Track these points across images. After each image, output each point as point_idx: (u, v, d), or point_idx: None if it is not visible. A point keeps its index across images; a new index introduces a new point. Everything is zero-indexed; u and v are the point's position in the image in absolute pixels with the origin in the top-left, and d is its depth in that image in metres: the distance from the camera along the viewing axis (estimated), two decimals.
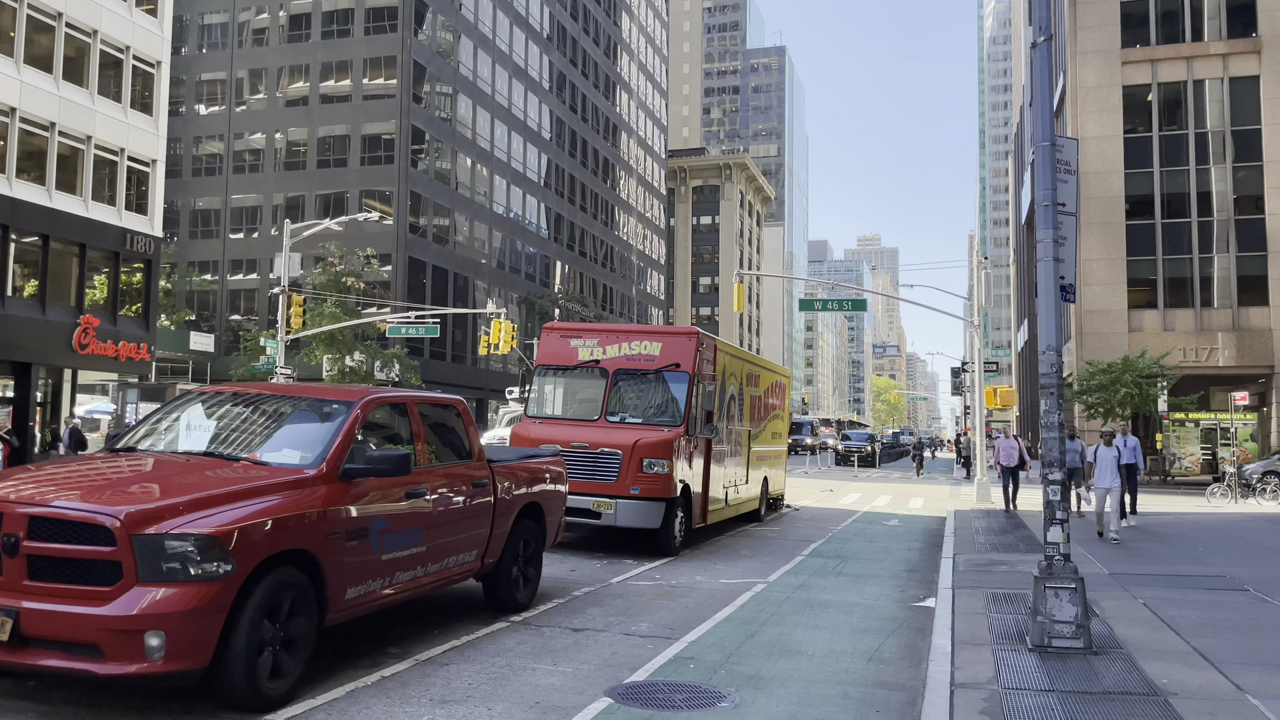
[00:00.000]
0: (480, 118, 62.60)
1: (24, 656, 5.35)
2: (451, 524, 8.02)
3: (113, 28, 32.30)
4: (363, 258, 47.86)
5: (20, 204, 28.78)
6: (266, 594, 5.83)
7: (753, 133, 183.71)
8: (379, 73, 55.36)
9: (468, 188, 61.08)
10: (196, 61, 59.08)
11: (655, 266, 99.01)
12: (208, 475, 6.32)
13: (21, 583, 5.46)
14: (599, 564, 12.66)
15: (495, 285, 64.08)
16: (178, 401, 8.05)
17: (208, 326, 56.38)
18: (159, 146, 34.58)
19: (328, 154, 56.15)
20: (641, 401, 14.32)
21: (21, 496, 5.72)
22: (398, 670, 6.92)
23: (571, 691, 6.54)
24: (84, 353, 30.88)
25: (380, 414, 7.71)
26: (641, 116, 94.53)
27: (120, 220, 32.61)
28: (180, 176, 57.36)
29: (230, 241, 57.81)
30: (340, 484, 6.72)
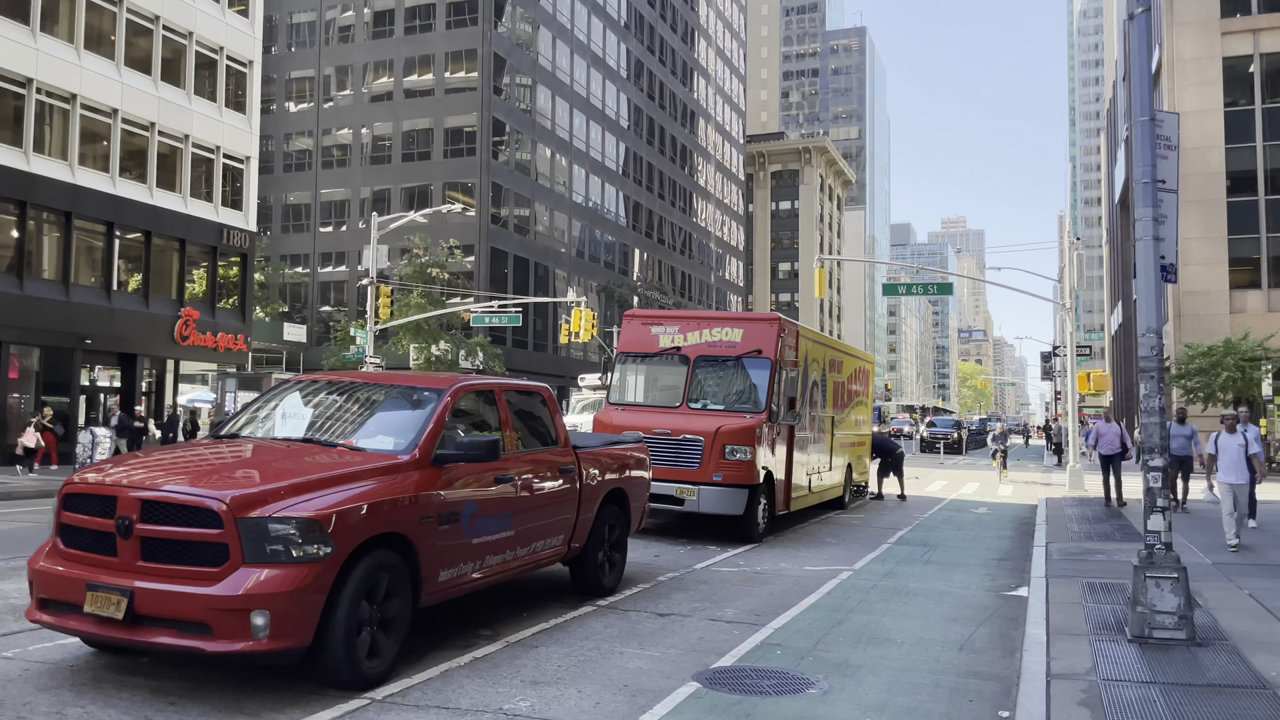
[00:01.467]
0: (559, 108, 62.99)
1: (138, 634, 5.62)
2: (539, 509, 8.14)
3: (207, 29, 33.40)
4: (446, 249, 48.68)
5: (124, 202, 30.04)
6: (364, 576, 6.01)
7: (833, 115, 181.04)
8: (460, 66, 56.12)
9: (547, 178, 61.58)
10: (286, 60, 60.73)
11: (734, 253, 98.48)
12: (307, 461, 6.52)
13: (135, 564, 5.72)
14: (682, 550, 12.71)
15: (575, 274, 64.55)
16: (276, 390, 8.32)
17: (300, 317, 58.08)
18: (252, 144, 35.68)
19: (412, 147, 57.21)
20: (723, 388, 14.29)
21: (134, 481, 5.99)
22: (489, 651, 7.07)
23: (659, 675, 6.59)
24: (185, 344, 32.14)
25: (469, 401, 7.85)
26: (719, 102, 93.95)
27: (217, 216, 33.79)
28: (272, 172, 59.11)
29: (320, 235, 59.41)
30: (432, 469, 6.87)
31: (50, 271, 28.16)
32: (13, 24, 26.78)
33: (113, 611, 5.59)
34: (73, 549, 6.01)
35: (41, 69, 27.44)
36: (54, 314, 27.68)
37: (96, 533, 5.88)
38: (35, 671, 6.20)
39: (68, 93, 28.34)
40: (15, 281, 26.83)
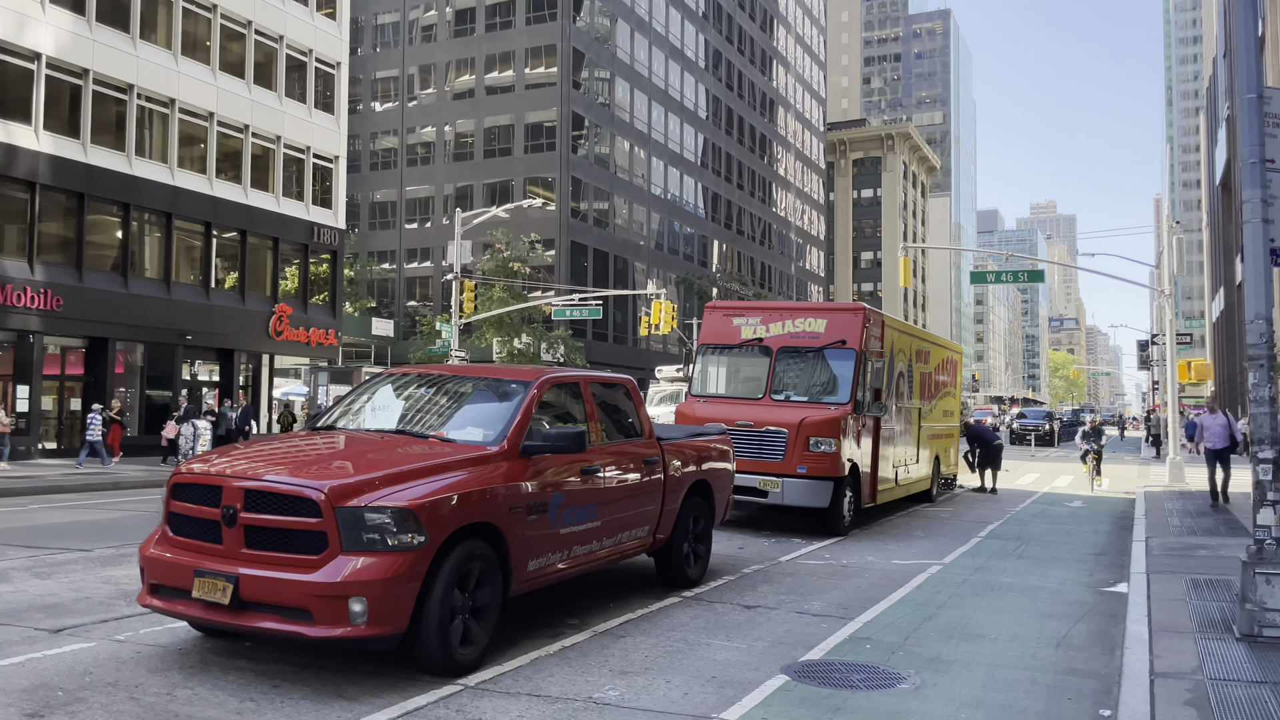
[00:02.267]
0: (638, 100, 63.07)
1: (243, 619, 5.83)
2: (624, 500, 8.19)
3: (297, 32, 34.34)
4: (527, 243, 49.24)
5: (220, 202, 31.12)
6: (456, 564, 6.12)
7: (916, 101, 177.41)
8: (540, 61, 56.61)
9: (626, 171, 61.74)
10: (371, 60, 62.08)
11: (814, 242, 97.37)
12: (400, 452, 6.67)
13: (240, 551, 5.94)
14: (767, 542, 12.64)
15: (654, 266, 64.63)
16: (368, 383, 8.53)
17: (387, 313, 59.42)
18: (341, 143, 36.60)
19: (493, 144, 57.96)
20: (806, 379, 14.15)
21: (236, 471, 6.21)
22: (577, 640, 7.14)
23: (747, 667, 6.57)
24: (279, 339, 33.19)
25: (555, 393, 7.93)
26: (799, 90, 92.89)
27: (308, 214, 34.77)
28: (360, 171, 60.55)
29: (406, 231, 60.65)
30: (520, 460, 6.96)
31: (152, 270, 29.34)
32: (115, 32, 27.94)
33: (219, 597, 5.81)
34: (181, 536, 6.25)
35: (142, 75, 28.57)
36: (156, 311, 28.84)
37: (203, 521, 6.12)
38: (146, 654, 6.48)
39: (167, 97, 29.46)
40: (120, 280, 28.03)
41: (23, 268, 25.38)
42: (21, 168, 25.25)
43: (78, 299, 26.45)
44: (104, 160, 27.41)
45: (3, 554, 10.57)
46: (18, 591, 8.48)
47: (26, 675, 5.92)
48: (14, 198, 25.41)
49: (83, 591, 8.54)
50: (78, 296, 26.46)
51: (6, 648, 6.55)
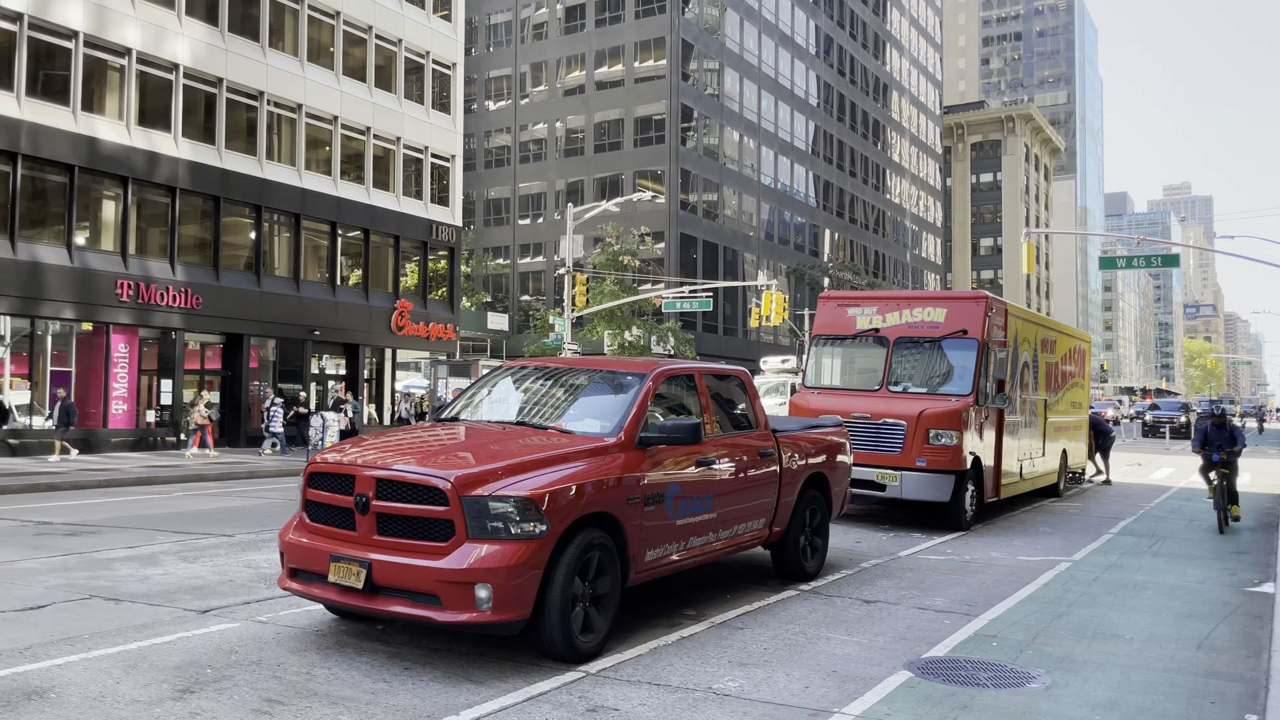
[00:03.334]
0: (747, 90, 62.61)
1: (375, 603, 6.06)
2: (740, 492, 8.17)
3: (414, 35, 35.34)
4: (637, 236, 49.53)
5: (345, 202, 32.33)
6: (577, 553, 6.23)
7: (1038, 80, 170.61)
8: (649, 55, 56.78)
9: (735, 161, 61.40)
10: (485, 60, 63.41)
11: (931, 229, 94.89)
12: (521, 443, 6.82)
13: (372, 537, 6.18)
14: (885, 536, 12.42)
15: (764, 257, 64.11)
16: (488, 376, 8.74)
17: (502, 307, 60.71)
18: (457, 143, 37.52)
19: (603, 138, 58.45)
20: (925, 370, 13.82)
21: (367, 461, 6.46)
22: (695, 631, 7.17)
23: (868, 663, 6.48)
24: (401, 334, 34.31)
25: (670, 385, 7.96)
26: (914, 73, 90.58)
27: (426, 213, 35.79)
28: (475, 169, 61.99)
29: (519, 227, 61.80)
30: (637, 451, 7.02)
31: (283, 269, 30.70)
32: (246, 41, 29.30)
33: (353, 581, 6.06)
34: (317, 523, 6.55)
35: (271, 82, 29.89)
36: (287, 308, 30.18)
37: (337, 508, 6.39)
38: (286, 635, 6.81)
39: (294, 103, 30.75)
40: (254, 279, 29.43)
41: (165, 268, 26.91)
42: (163, 173, 26.76)
43: (215, 297, 27.90)
44: (237, 164, 28.80)
45: (153, 539, 11.26)
46: (167, 574, 9.03)
47: (177, 653, 6.30)
48: (156, 202, 26.95)
49: (226, 575, 9.03)
50: (215, 295, 27.91)
51: (159, 627, 6.98)
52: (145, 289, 26.01)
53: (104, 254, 25.67)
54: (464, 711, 5.28)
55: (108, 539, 11.15)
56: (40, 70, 24.25)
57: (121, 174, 25.77)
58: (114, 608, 7.57)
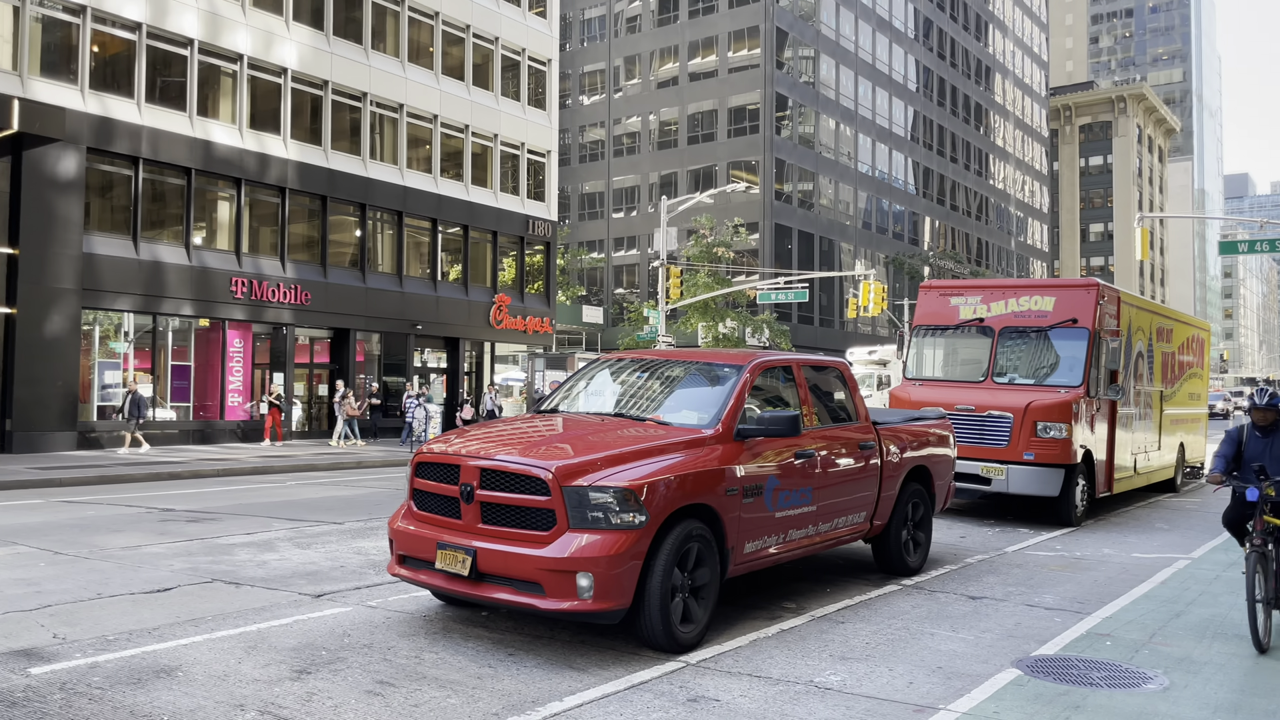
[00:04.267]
0: (843, 77, 61.62)
1: (481, 589, 6.21)
2: (840, 485, 8.08)
3: (511, 33, 35.85)
4: (731, 227, 49.27)
5: (445, 199, 33.04)
6: (675, 544, 6.25)
7: (1150, 59, 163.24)
8: (742, 44, 56.38)
9: (831, 150, 60.51)
10: (579, 55, 63.90)
11: (1037, 215, 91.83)
12: (619, 434, 6.88)
13: (476, 526, 6.32)
14: (990, 531, 12.11)
15: (861, 246, 63.07)
16: (586, 368, 8.83)
17: (596, 300, 61.19)
18: (552, 138, 37.93)
19: (697, 130, 58.32)
20: (1033, 361, 13.41)
21: (470, 451, 6.60)
22: (795, 624, 7.13)
23: (975, 660, 6.34)
24: (499, 328, 34.92)
25: (768, 377, 7.92)
26: (1018, 55, 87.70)
27: (523, 208, 36.31)
28: (569, 164, 62.58)
29: (613, 220, 62.16)
30: (735, 443, 7.01)
31: (386, 265, 31.56)
32: (350, 44, 30.18)
33: (459, 568, 6.21)
34: (424, 511, 6.73)
35: (374, 83, 30.72)
36: (390, 303, 31.03)
37: (443, 497, 6.56)
38: (395, 620, 7.02)
39: (396, 103, 31.54)
40: (359, 275, 30.34)
41: (276, 266, 27.95)
42: (273, 174, 27.79)
43: (323, 293, 28.87)
44: (343, 164, 29.71)
45: (269, 526, 11.74)
46: (283, 559, 9.40)
47: (294, 635, 6.56)
48: (267, 202, 28.01)
49: (337, 561, 9.35)
50: (323, 291, 28.88)
51: (276, 610, 7.28)
52: (258, 286, 27.07)
53: (219, 253, 26.82)
54: (567, 698, 5.36)
55: (227, 525, 11.67)
56: (158, 77, 25.44)
57: (235, 175, 26.86)
58: (234, 591, 7.92)
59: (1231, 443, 7.42)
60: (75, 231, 23.19)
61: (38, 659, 5.90)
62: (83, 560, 9.22)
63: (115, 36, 24.55)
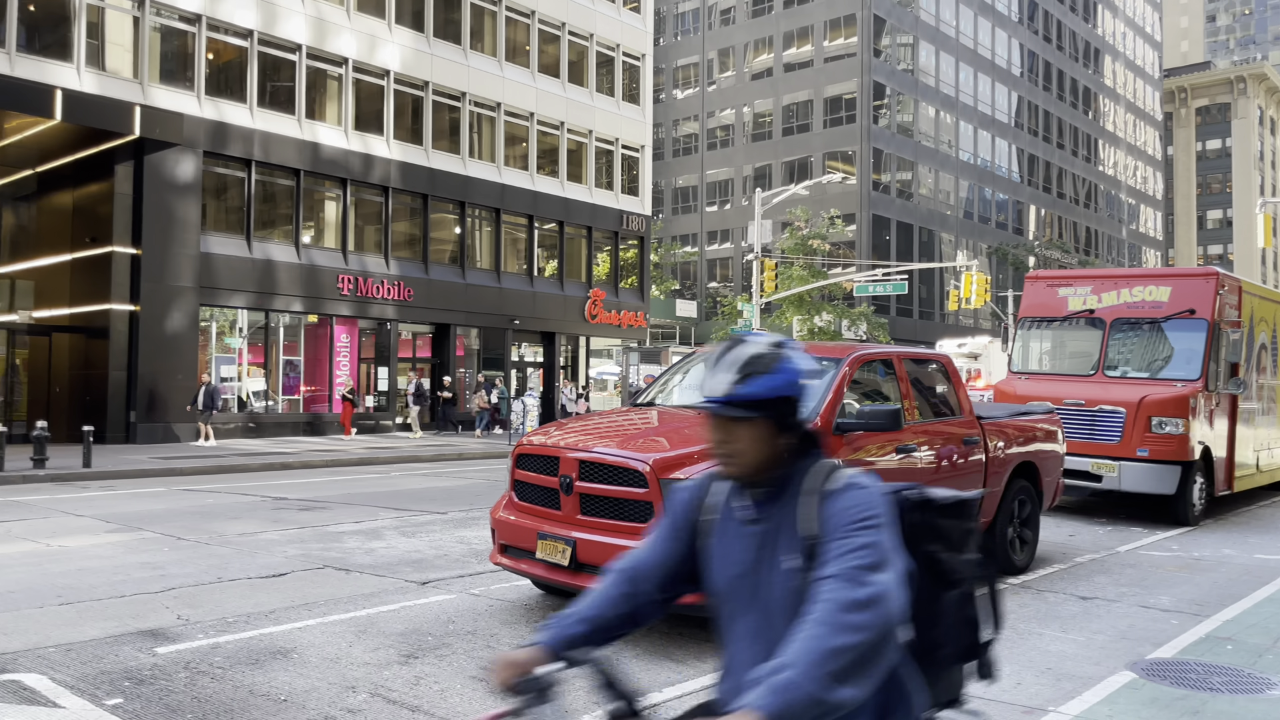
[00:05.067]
0: (943, 63, 60.13)
1: (580, 579, 6.27)
2: (942, 480, 7.90)
3: (605, 29, 36.07)
4: (827, 219, 48.62)
5: (541, 196, 33.48)
6: None
7: (1271, 36, 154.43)
8: (838, 33, 55.52)
9: (930, 138, 59.13)
10: (673, 49, 63.90)
11: (1149, 202, 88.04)
12: None
13: (576, 517, 6.40)
14: (1101, 530, 11.69)
15: (963, 236, 61.50)
16: (681, 362, 8.85)
17: (690, 294, 61.16)
18: (646, 133, 38.05)
19: (791, 121, 57.71)
20: (1146, 354, 12.87)
21: (569, 444, 6.69)
22: None
23: (1086, 661, 6.14)
24: (594, 322, 35.24)
25: (867, 370, 7.81)
26: (1129, 35, 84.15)
27: (617, 203, 36.53)
28: (663, 158, 62.65)
29: (707, 214, 62.01)
30: (833, 438, 6.92)
31: (484, 262, 32.16)
32: (449, 45, 30.82)
33: (559, 558, 6.30)
34: (524, 502, 6.85)
35: (472, 83, 31.31)
36: (489, 299, 31.62)
37: (543, 488, 6.66)
38: (497, 608, 7.17)
39: (494, 102, 32.08)
40: (459, 272, 31.00)
41: (380, 263, 28.76)
42: (376, 174, 28.59)
43: (425, 289, 29.59)
44: (443, 163, 30.38)
45: (375, 515, 12.11)
46: (389, 548, 9.69)
47: (402, 621, 6.76)
48: (371, 201, 28.84)
49: (441, 549, 9.59)
50: (425, 287, 29.60)
51: (384, 596, 7.51)
52: (363, 283, 27.91)
53: (327, 251, 27.73)
54: (666, 689, 5.39)
55: (336, 514, 12.08)
56: (268, 82, 26.42)
57: (340, 176, 27.73)
58: (344, 577, 8.20)
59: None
60: (193, 232, 24.28)
61: (163, 639, 6.22)
62: (203, 546, 9.67)
63: (228, 44, 25.59)
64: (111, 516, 11.74)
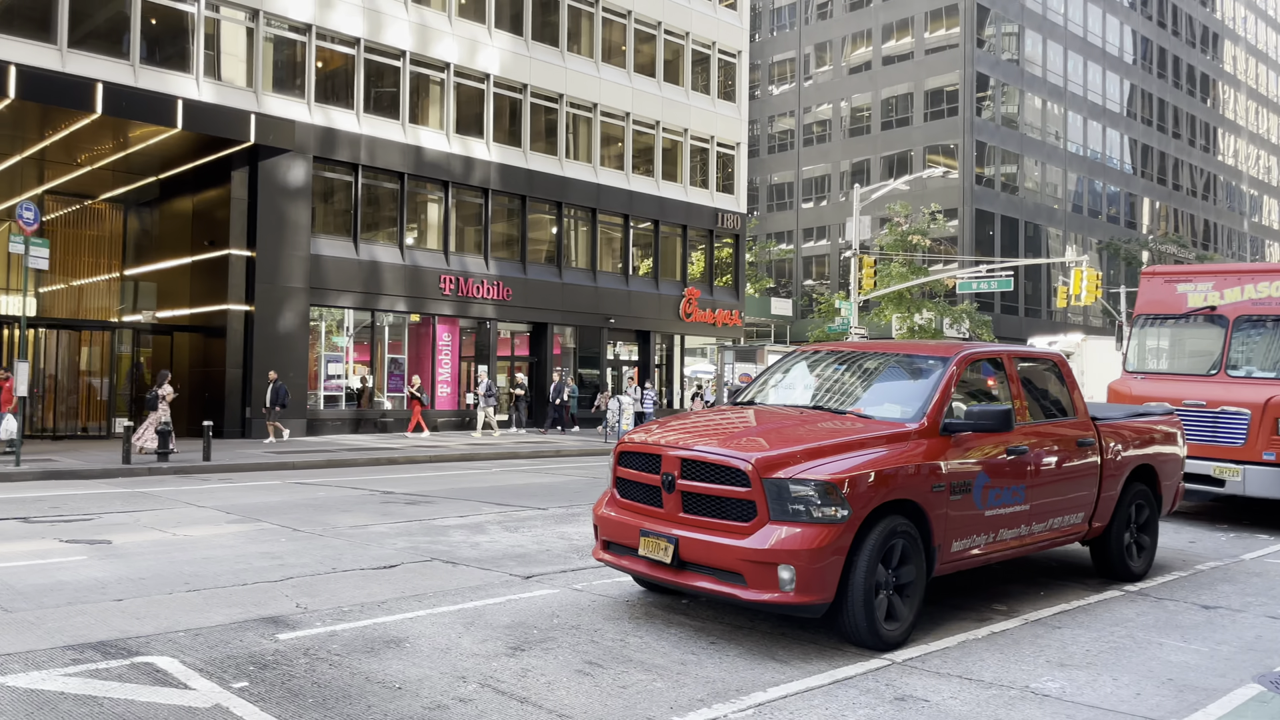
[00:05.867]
0: (1050, 51, 58.19)
1: (682, 577, 6.31)
2: (1055, 483, 7.68)
3: (701, 27, 36.04)
4: (928, 214, 47.58)
5: (636, 195, 33.64)
6: (879, 540, 6.13)
7: None
8: (940, 24, 54.27)
9: (1037, 129, 57.31)
10: (768, 45, 63.44)
11: (1273, 193, 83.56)
12: (818, 427, 6.81)
13: (678, 515, 6.43)
14: (1224, 537, 11.17)
15: (1071, 231, 59.43)
16: (782, 361, 8.78)
17: (785, 292, 60.64)
18: (742, 130, 37.87)
19: (890, 115, 56.66)
20: (1273, 353, 12.23)
21: (669, 441, 6.72)
22: (1006, 627, 6.84)
23: (1210, 672, 5.88)
24: (689, 321, 35.25)
25: (976, 370, 7.63)
26: (1250, 18, 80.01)
27: (712, 201, 36.46)
28: (758, 155, 62.27)
29: (803, 211, 61.38)
30: (941, 438, 6.79)
31: (580, 261, 32.50)
32: (547, 48, 31.23)
33: (661, 555, 6.34)
34: (626, 499, 6.91)
35: (570, 84, 31.66)
36: (585, 298, 31.93)
37: (645, 486, 6.71)
38: (600, 604, 7.25)
39: (590, 102, 32.38)
40: (555, 271, 31.40)
41: (479, 263, 29.34)
42: (476, 176, 29.17)
43: (523, 289, 30.07)
44: (540, 165, 30.81)
45: (478, 509, 12.37)
46: (493, 542, 9.89)
47: (507, 613, 6.90)
48: (470, 203, 29.44)
49: (543, 544, 9.75)
50: (523, 287, 30.08)
51: (490, 589, 7.68)
52: (464, 283, 28.52)
53: (429, 252, 28.43)
54: (771, 689, 5.38)
55: (441, 508, 12.39)
56: (373, 88, 27.22)
57: (442, 179, 28.39)
58: (451, 570, 8.41)
59: None
60: (304, 234, 25.19)
61: (284, 626, 6.48)
62: (317, 537, 10.03)
63: (336, 51, 26.45)
64: (231, 508, 12.28)
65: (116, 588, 7.56)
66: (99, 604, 7.03)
